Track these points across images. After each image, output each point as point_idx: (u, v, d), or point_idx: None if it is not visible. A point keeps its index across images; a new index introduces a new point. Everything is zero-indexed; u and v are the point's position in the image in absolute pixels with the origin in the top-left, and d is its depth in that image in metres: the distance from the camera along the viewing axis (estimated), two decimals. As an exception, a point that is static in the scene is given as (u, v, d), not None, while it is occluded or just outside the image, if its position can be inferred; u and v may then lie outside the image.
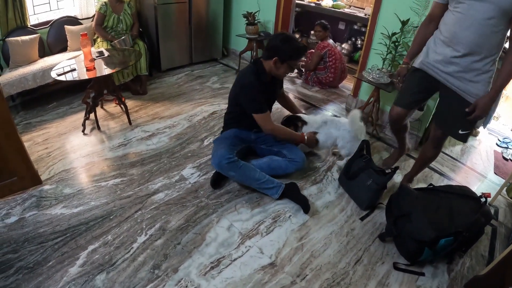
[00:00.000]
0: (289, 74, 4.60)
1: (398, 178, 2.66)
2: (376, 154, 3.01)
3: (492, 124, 3.88)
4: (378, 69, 3.20)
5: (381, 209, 2.34)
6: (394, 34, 3.03)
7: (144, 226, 2.08)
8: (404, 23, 2.95)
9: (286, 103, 2.97)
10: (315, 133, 2.65)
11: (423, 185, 2.63)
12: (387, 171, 2.31)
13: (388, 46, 3.12)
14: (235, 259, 1.92)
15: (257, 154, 2.69)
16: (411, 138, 3.19)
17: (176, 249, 1.95)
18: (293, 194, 2.35)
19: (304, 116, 2.75)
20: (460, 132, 2.05)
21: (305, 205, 2.28)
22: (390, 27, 3.09)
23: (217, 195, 2.39)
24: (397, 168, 2.31)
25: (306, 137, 2.58)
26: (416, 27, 2.95)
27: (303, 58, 4.81)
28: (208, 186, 2.46)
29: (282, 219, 2.22)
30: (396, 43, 3.05)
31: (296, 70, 4.76)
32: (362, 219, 2.27)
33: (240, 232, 2.10)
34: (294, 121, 2.73)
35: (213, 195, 2.38)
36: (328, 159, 2.88)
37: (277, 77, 2.46)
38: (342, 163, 2.68)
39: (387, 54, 3.17)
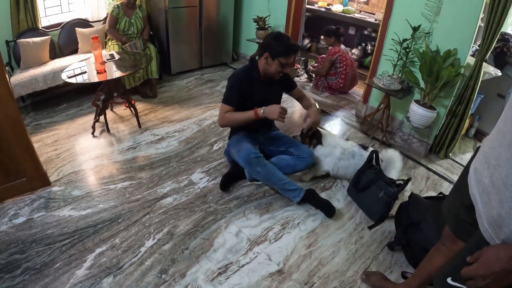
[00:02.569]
0: (299, 79, 4.64)
1: (408, 186, 2.62)
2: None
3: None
4: (388, 76, 3.17)
5: (390, 217, 2.30)
6: (405, 40, 3.01)
7: (152, 230, 2.08)
8: (415, 29, 2.92)
9: (303, 103, 2.68)
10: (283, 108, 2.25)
11: (433, 193, 2.59)
12: (398, 182, 2.28)
13: (399, 52, 3.09)
14: (243, 266, 1.90)
15: (266, 156, 2.66)
16: (421, 145, 3.15)
17: (184, 254, 1.94)
18: (314, 199, 2.34)
19: (322, 131, 2.65)
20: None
21: (329, 208, 2.28)
22: (401, 33, 3.05)
23: (226, 200, 2.38)
24: (409, 179, 2.26)
25: (261, 110, 2.25)
26: (428, 33, 2.93)
27: (314, 64, 4.82)
28: (217, 191, 2.45)
29: (291, 225, 2.20)
30: (407, 50, 3.03)
31: (306, 76, 4.76)
32: (370, 227, 2.24)
33: (249, 238, 2.08)
34: (310, 137, 2.60)
35: (221, 200, 2.37)
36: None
37: (271, 75, 2.35)
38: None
39: (397, 61, 3.14)
